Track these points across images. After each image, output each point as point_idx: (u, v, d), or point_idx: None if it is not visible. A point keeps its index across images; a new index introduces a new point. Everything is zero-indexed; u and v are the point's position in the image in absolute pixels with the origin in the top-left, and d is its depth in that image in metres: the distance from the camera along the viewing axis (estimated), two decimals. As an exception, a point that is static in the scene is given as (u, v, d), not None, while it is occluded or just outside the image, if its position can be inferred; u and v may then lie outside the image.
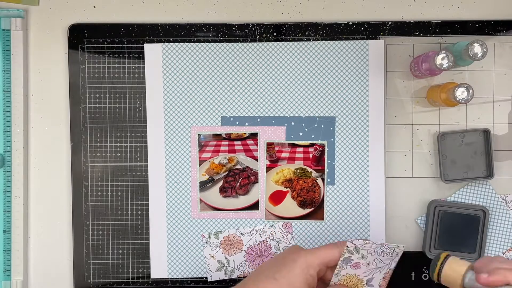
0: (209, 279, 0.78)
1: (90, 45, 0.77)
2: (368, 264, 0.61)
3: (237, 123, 0.77)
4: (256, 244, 0.77)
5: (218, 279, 0.77)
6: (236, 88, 0.77)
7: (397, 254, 0.59)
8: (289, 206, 0.77)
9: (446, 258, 0.58)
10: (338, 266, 0.60)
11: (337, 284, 0.60)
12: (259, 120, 0.77)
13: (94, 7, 0.78)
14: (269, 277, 0.58)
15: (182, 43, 0.77)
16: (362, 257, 0.60)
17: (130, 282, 0.78)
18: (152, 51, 0.77)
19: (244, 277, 0.77)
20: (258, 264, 0.77)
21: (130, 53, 0.77)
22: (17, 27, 0.76)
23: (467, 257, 0.76)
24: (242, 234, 0.77)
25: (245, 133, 0.78)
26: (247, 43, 0.77)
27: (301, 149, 0.77)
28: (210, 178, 0.78)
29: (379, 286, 0.61)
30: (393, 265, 0.61)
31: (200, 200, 0.78)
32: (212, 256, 0.77)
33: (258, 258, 0.77)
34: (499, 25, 0.77)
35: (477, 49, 0.64)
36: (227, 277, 0.77)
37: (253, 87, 0.77)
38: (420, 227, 0.78)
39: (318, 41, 0.77)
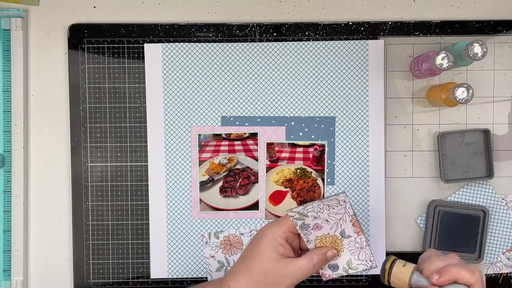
0: (209, 279, 0.77)
1: (90, 45, 0.77)
2: (327, 220, 0.63)
3: (237, 123, 0.77)
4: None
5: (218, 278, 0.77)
6: (236, 88, 0.77)
7: (344, 201, 0.62)
8: (289, 206, 0.77)
9: (393, 262, 0.62)
10: (302, 235, 0.63)
11: (316, 247, 0.63)
12: (259, 120, 0.77)
13: (94, 7, 0.78)
14: (243, 256, 0.63)
15: (182, 43, 0.77)
16: (315, 218, 0.62)
17: (130, 282, 0.78)
18: (152, 51, 0.77)
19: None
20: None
21: (130, 53, 0.77)
22: (17, 27, 0.76)
23: (467, 257, 0.76)
24: (242, 234, 0.77)
25: (245, 133, 0.78)
26: (247, 43, 0.77)
27: (301, 149, 0.77)
28: (210, 178, 0.78)
29: (356, 234, 0.64)
30: (351, 211, 0.63)
31: (200, 200, 0.78)
32: (212, 256, 0.77)
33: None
34: (499, 25, 0.77)
35: (477, 49, 0.64)
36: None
37: (253, 87, 0.77)
38: (420, 227, 0.78)
39: (318, 41, 0.77)
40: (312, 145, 0.77)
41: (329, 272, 0.65)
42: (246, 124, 0.77)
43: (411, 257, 0.77)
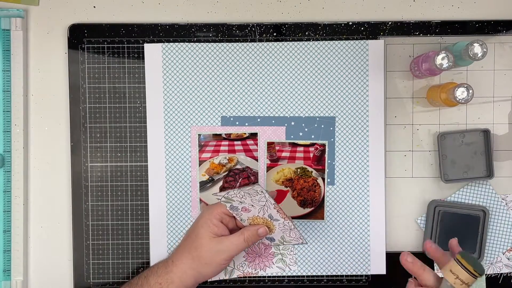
0: (209, 279, 0.77)
1: (90, 45, 0.77)
2: (252, 205, 0.67)
3: (237, 123, 0.77)
4: (256, 244, 0.77)
5: (218, 279, 0.77)
6: (236, 88, 0.77)
7: (262, 192, 0.65)
8: (290, 205, 0.77)
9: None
10: (235, 215, 0.70)
11: (249, 225, 0.70)
12: (259, 120, 0.77)
13: (94, 7, 0.78)
14: (185, 237, 0.73)
15: (182, 43, 0.77)
16: (241, 202, 0.67)
17: (130, 282, 0.78)
18: (152, 51, 0.77)
19: (244, 277, 0.77)
20: (257, 264, 0.77)
21: (130, 53, 0.77)
22: (17, 27, 0.76)
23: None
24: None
25: (245, 133, 0.78)
26: (247, 43, 0.77)
27: (301, 148, 0.77)
28: (210, 178, 0.78)
29: (283, 219, 0.68)
30: (271, 200, 0.66)
31: (200, 200, 0.78)
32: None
33: (258, 258, 0.77)
34: (499, 25, 0.77)
35: (477, 49, 0.64)
36: (227, 277, 0.77)
37: (253, 87, 0.77)
38: (420, 227, 0.78)
39: (318, 41, 0.77)
40: (312, 145, 0.77)
41: (267, 241, 0.73)
42: (246, 124, 0.77)
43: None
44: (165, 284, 0.68)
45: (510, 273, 0.77)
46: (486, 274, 0.77)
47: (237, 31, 0.77)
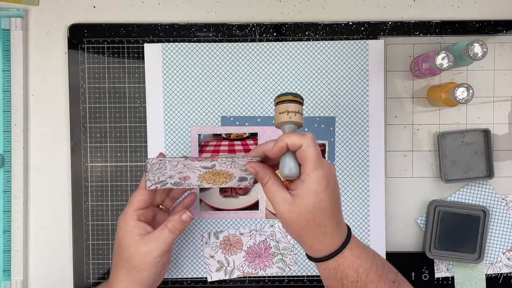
0: (209, 279, 0.77)
1: (90, 45, 0.77)
2: (184, 177, 0.63)
3: (237, 123, 0.77)
4: (256, 244, 0.77)
5: (218, 279, 0.77)
6: (236, 88, 0.77)
7: (159, 162, 0.60)
8: (289, 206, 0.77)
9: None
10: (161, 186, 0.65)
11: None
12: (259, 120, 0.77)
13: (94, 7, 0.78)
14: (114, 254, 0.67)
15: (182, 43, 0.77)
16: (171, 177, 0.62)
17: (130, 282, 0.78)
18: (152, 51, 0.77)
19: (244, 277, 0.77)
20: (257, 264, 0.77)
21: (130, 53, 0.77)
22: (17, 27, 0.76)
23: (467, 257, 0.76)
24: (242, 234, 0.77)
25: (245, 133, 0.78)
26: (247, 43, 0.77)
27: (301, 149, 0.77)
28: (210, 178, 0.78)
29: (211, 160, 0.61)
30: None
31: (200, 200, 0.78)
32: (212, 256, 0.77)
33: (258, 258, 0.77)
34: (499, 25, 0.77)
35: (477, 49, 0.64)
36: (227, 277, 0.77)
37: (253, 87, 0.77)
38: (420, 227, 0.78)
39: (318, 41, 0.77)
40: (312, 145, 0.77)
41: (245, 183, 0.66)
42: (246, 124, 0.77)
43: (411, 257, 0.78)
44: None
45: (510, 273, 0.77)
46: (486, 274, 0.77)
47: (237, 31, 0.77)
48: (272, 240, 0.77)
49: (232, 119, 0.77)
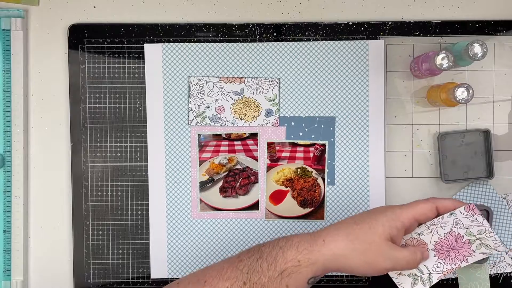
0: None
1: (90, 45, 0.77)
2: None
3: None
4: (442, 237, 0.65)
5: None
6: (236, 88, 0.78)
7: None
8: (290, 205, 0.77)
9: None
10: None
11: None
12: (259, 120, 0.78)
13: (94, 7, 0.78)
14: (348, 221, 0.60)
15: (182, 43, 0.77)
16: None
17: (130, 282, 0.78)
18: (152, 51, 0.77)
19: (444, 277, 0.66)
20: (455, 258, 0.65)
21: (130, 53, 0.77)
22: (17, 27, 0.76)
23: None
24: (419, 234, 0.64)
25: (245, 133, 0.78)
26: (247, 43, 0.77)
27: (301, 148, 0.77)
28: (210, 178, 0.78)
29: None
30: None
31: (200, 200, 0.78)
32: (400, 273, 0.65)
33: (452, 252, 0.64)
34: (499, 25, 0.77)
35: (477, 49, 0.64)
36: (427, 287, 0.65)
37: (253, 87, 0.78)
38: (420, 227, 0.78)
39: (318, 41, 0.77)
40: (312, 145, 0.77)
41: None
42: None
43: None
44: (305, 263, 0.57)
45: (510, 273, 0.77)
46: (490, 274, 0.77)
47: (237, 31, 0.77)
48: (460, 229, 0.65)
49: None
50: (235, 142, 0.77)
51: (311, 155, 0.77)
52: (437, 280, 0.62)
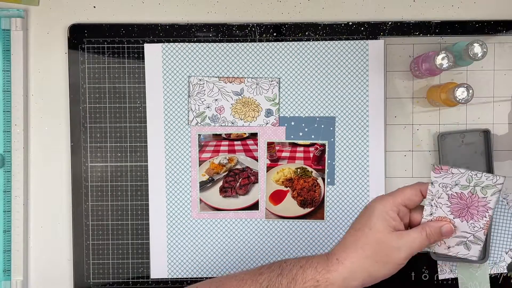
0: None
1: (90, 45, 0.77)
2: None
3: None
4: (450, 204, 0.61)
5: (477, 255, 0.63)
6: (236, 88, 0.78)
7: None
8: (290, 205, 0.77)
9: None
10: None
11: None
12: (259, 120, 0.78)
13: (94, 7, 0.78)
14: (352, 230, 0.60)
15: (182, 43, 0.77)
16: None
17: (130, 282, 0.78)
18: (152, 51, 0.77)
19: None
20: (478, 214, 0.61)
21: (130, 53, 0.77)
22: (17, 27, 0.76)
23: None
24: (432, 214, 0.62)
25: (245, 133, 0.78)
26: (247, 43, 0.77)
27: (301, 148, 0.77)
28: (210, 178, 0.78)
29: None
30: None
31: (200, 200, 0.78)
32: (449, 247, 0.62)
33: (470, 209, 0.61)
34: (499, 25, 0.77)
35: (477, 49, 0.64)
36: (481, 244, 0.62)
37: (253, 87, 0.78)
38: (420, 227, 0.78)
39: (318, 41, 0.77)
40: (312, 145, 0.77)
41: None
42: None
43: (411, 257, 0.77)
44: (323, 283, 0.57)
45: (506, 273, 0.77)
46: (490, 274, 0.77)
47: (237, 31, 0.77)
48: (452, 189, 0.61)
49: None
50: (235, 142, 0.77)
51: (311, 155, 0.77)
52: (485, 236, 0.61)
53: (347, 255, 0.58)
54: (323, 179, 0.77)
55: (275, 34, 0.77)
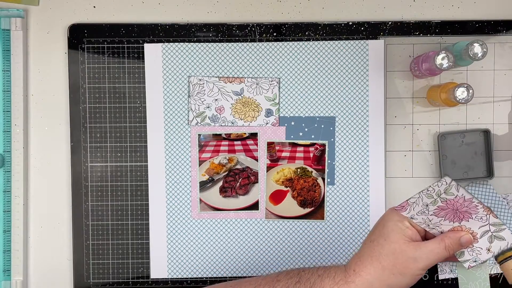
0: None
1: (90, 45, 0.77)
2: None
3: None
4: (439, 212, 0.61)
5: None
6: (236, 88, 0.78)
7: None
8: (290, 205, 0.77)
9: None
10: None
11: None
12: (259, 120, 0.78)
13: (94, 7, 0.78)
14: (368, 241, 0.59)
15: (182, 43, 0.77)
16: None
17: (130, 282, 0.78)
18: (152, 51, 0.77)
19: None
20: (470, 214, 0.61)
21: (130, 53, 0.77)
22: (17, 27, 0.76)
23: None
24: (432, 223, 0.62)
25: (245, 133, 0.78)
26: (247, 43, 0.77)
27: (301, 148, 0.77)
28: (210, 178, 0.78)
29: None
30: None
31: (200, 200, 0.78)
32: (488, 250, 0.62)
33: (459, 212, 0.61)
34: (499, 25, 0.77)
35: (477, 49, 0.64)
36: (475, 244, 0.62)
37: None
38: (420, 227, 0.78)
39: (318, 41, 0.77)
40: (312, 145, 0.77)
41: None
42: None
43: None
44: None
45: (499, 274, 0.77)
46: (490, 274, 0.77)
47: (237, 31, 0.77)
48: (433, 203, 0.61)
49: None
50: (235, 142, 0.77)
51: (311, 155, 0.77)
52: (497, 217, 0.60)
53: (364, 267, 0.58)
54: (323, 179, 0.77)
55: (275, 34, 0.77)
